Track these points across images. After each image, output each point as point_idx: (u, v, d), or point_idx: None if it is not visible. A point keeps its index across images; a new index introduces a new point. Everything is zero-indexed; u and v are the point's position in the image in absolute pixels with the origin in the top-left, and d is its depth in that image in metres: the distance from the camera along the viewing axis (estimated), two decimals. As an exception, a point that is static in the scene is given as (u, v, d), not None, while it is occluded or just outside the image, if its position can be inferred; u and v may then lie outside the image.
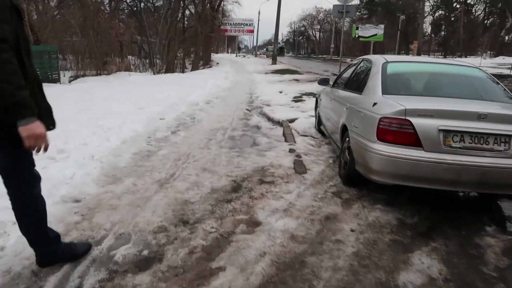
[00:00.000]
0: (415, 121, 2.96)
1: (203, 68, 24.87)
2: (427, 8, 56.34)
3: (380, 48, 62.50)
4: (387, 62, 3.86)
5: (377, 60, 4.03)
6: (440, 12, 62.60)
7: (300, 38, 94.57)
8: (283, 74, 19.11)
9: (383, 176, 3.10)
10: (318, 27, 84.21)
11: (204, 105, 8.64)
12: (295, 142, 5.30)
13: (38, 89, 1.83)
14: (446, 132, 2.93)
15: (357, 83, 4.17)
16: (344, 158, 3.86)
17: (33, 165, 1.98)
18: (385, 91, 3.46)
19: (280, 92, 11.71)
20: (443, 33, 63.83)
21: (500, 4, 55.79)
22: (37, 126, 1.61)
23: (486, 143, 2.92)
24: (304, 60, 51.00)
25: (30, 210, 2.00)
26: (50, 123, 1.89)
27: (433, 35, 65.70)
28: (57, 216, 2.81)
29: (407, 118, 2.97)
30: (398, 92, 3.48)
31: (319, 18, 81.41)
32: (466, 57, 48.10)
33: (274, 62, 29.55)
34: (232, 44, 78.65)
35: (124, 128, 5.39)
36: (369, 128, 3.22)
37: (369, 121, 3.25)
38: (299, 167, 4.15)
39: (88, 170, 3.76)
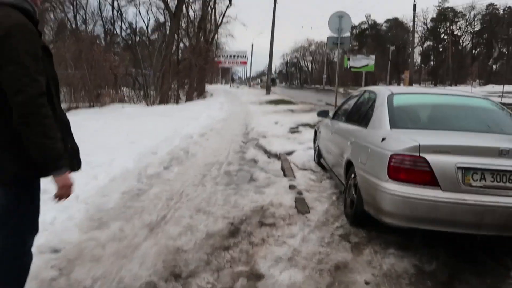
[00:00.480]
0: (430, 158, 2.70)
1: (197, 99, 24.87)
2: (416, 39, 58.03)
3: (372, 78, 63.61)
4: (393, 94, 3.65)
5: (382, 91, 3.83)
6: (428, 42, 64.33)
7: (293, 68, 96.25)
8: (278, 105, 19.07)
9: (397, 219, 2.81)
10: (310, 58, 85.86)
11: (199, 138, 8.38)
12: (294, 177, 5.01)
13: (66, 130, 1.79)
14: (465, 170, 2.67)
15: (361, 116, 3.95)
16: (350, 197, 3.58)
17: (38, 212, 1.82)
18: (393, 125, 3.23)
19: (276, 123, 11.52)
20: (432, 62, 65.36)
21: (486, 35, 57.56)
22: (69, 177, 1.66)
23: (509, 181, 2.65)
24: (297, 90, 51.52)
25: (16, 265, 1.76)
26: (76, 164, 1.85)
27: (422, 65, 67.17)
28: (31, 271, 2.45)
29: (421, 155, 2.72)
30: (407, 125, 3.25)
31: (311, 50, 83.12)
32: (456, 85, 49.02)
33: (268, 92, 29.73)
34: (226, 75, 79.71)
35: (114, 164, 5.08)
36: (379, 166, 2.96)
37: (379, 157, 2.99)
38: (302, 206, 3.85)
39: (71, 213, 3.42)
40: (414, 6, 32.35)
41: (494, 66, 58.82)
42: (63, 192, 1.66)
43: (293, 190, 4.44)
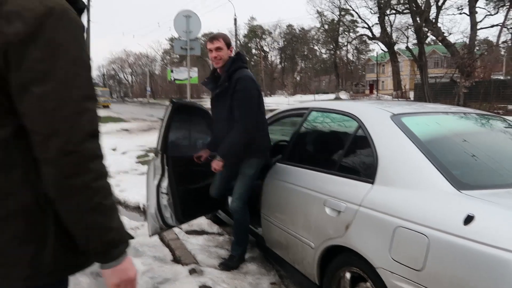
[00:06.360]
0: None
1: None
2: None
3: (196, 90, 64.26)
4: (396, 115, 2.08)
5: (367, 112, 2.22)
6: (242, 57, 68.90)
7: (111, 81, 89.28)
8: (106, 123, 15.81)
9: None
10: (130, 70, 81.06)
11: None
12: (197, 263, 2.92)
13: None
14: None
15: (335, 158, 2.23)
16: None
17: None
18: (457, 182, 1.61)
19: (114, 149, 8.85)
20: (247, 75, 70.32)
21: (288, 51, 65.47)
22: (131, 266, 0.97)
23: None
24: (120, 105, 47.31)
25: None
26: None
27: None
28: None
29: None
30: (481, 181, 1.71)
31: (129, 62, 78.48)
32: (270, 96, 53.78)
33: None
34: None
35: None
36: (486, 285, 1.31)
37: (483, 266, 1.34)
38: None
39: None
40: (235, 20, 33.49)
41: (298, 78, 67.42)
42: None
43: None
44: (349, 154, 2.16)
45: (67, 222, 0.89)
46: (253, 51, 67.00)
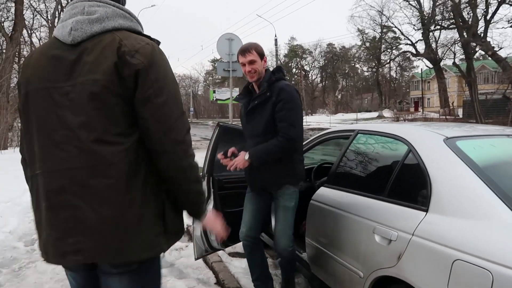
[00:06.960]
0: None
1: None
2: (273, 73, 61.57)
3: (237, 109, 65.36)
4: (450, 138, 1.98)
5: (418, 135, 2.13)
6: (283, 76, 69.32)
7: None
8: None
9: None
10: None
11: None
12: (240, 287, 2.89)
13: None
14: None
15: (385, 183, 2.14)
16: None
17: None
18: (522, 212, 1.50)
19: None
20: (287, 94, 70.44)
21: (329, 70, 65.17)
22: (212, 214, 1.44)
23: None
24: (164, 125, 48.70)
25: None
26: None
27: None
28: None
29: None
30: None
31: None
32: (312, 115, 53.57)
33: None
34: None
35: None
36: None
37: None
38: None
39: None
40: (276, 40, 33.93)
41: (339, 96, 66.75)
42: (219, 230, 1.46)
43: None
44: (399, 179, 2.07)
45: (180, 193, 1.27)
46: (294, 70, 67.35)
